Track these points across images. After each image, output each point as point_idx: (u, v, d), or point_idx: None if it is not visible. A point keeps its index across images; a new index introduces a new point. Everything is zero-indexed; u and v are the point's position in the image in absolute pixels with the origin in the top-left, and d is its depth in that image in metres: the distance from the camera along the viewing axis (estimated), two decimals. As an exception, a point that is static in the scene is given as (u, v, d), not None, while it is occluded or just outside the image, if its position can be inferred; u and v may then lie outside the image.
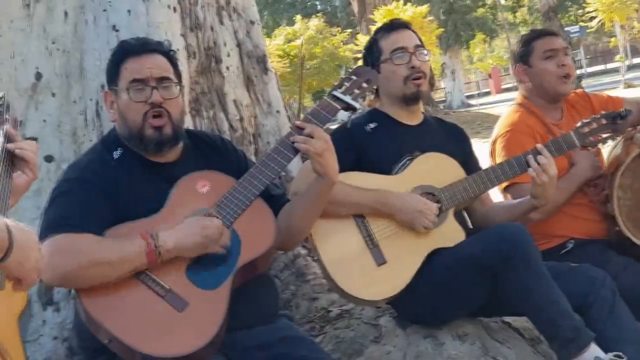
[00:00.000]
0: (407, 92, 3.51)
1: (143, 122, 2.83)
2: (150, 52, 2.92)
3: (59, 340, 3.91)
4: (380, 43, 3.57)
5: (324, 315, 3.94)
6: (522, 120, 3.93)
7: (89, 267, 2.55)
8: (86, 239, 2.60)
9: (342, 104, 2.99)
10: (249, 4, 5.08)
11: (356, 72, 3.13)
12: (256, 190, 2.84)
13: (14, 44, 4.21)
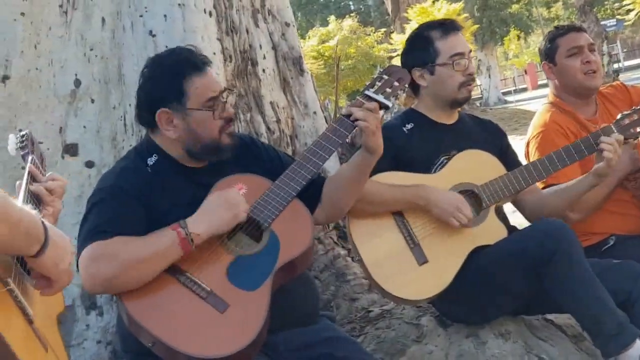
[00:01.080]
0: (459, 97, 3.51)
1: (220, 134, 2.89)
2: (208, 66, 2.95)
3: (102, 344, 3.95)
4: (437, 44, 3.51)
5: (364, 316, 3.93)
6: (553, 120, 3.89)
7: (126, 268, 2.57)
8: (118, 241, 2.62)
9: (375, 103, 3.00)
10: (283, 6, 5.09)
11: (388, 71, 3.14)
12: (293, 191, 2.86)
13: (52, 51, 4.26)
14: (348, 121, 2.94)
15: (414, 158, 3.44)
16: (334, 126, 2.97)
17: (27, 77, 4.14)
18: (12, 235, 1.64)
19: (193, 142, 2.89)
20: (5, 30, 4.12)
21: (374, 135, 2.88)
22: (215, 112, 2.86)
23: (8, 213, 1.59)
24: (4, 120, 4.05)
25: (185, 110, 2.86)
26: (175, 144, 2.91)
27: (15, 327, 1.69)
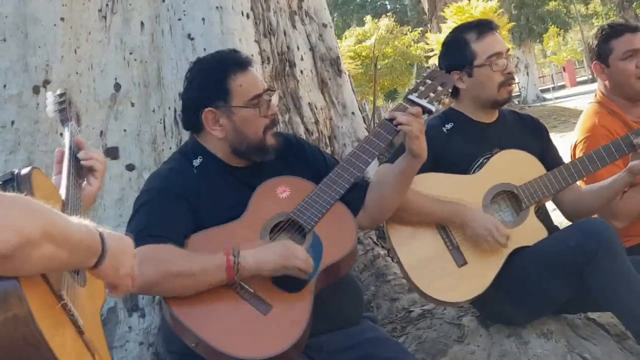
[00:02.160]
0: (499, 98, 3.49)
1: (264, 133, 2.91)
2: (250, 64, 2.97)
3: (144, 346, 3.97)
4: (474, 46, 3.49)
5: (405, 316, 3.93)
6: (600, 124, 3.83)
7: (171, 278, 2.59)
8: (169, 250, 2.65)
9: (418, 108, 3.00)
10: (320, 7, 5.10)
11: (431, 75, 3.14)
12: (336, 194, 2.87)
13: (92, 56, 4.30)
14: (391, 125, 2.94)
15: (454, 158, 3.42)
16: (377, 130, 2.97)
17: (68, 81, 4.17)
18: (71, 257, 1.65)
19: (239, 141, 2.91)
20: (45, 35, 4.17)
21: (418, 139, 2.88)
22: (260, 109, 2.88)
23: (67, 237, 1.60)
24: (45, 125, 4.09)
25: (230, 109, 2.88)
26: (221, 144, 2.94)
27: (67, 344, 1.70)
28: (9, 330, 1.50)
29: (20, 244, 1.44)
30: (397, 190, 3.05)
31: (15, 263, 1.47)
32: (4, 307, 1.50)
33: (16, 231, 1.44)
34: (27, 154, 4.05)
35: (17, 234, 1.44)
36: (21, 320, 1.50)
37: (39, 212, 1.53)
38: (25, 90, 4.12)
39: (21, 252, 1.46)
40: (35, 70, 4.14)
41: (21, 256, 1.46)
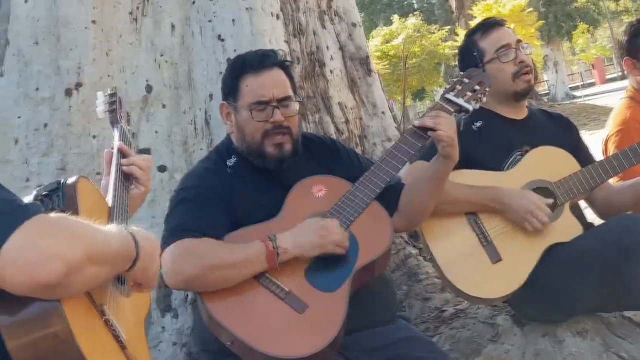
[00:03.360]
0: (517, 89, 3.47)
1: (263, 139, 2.89)
2: (269, 68, 2.95)
3: (178, 346, 3.99)
4: (481, 44, 3.51)
5: (438, 316, 3.91)
6: (633, 118, 3.80)
7: (212, 271, 2.60)
8: (208, 243, 2.66)
9: (455, 107, 3.00)
10: (350, 7, 5.10)
11: (468, 75, 3.12)
12: (372, 194, 2.86)
13: (124, 58, 4.33)
14: (420, 133, 2.93)
15: (485, 156, 3.40)
16: (413, 129, 2.96)
17: (100, 84, 4.20)
18: (112, 271, 1.68)
19: (241, 140, 2.95)
20: (77, 38, 4.20)
21: (449, 142, 2.86)
22: (254, 113, 2.88)
23: (108, 254, 1.62)
24: (78, 128, 4.12)
25: (236, 107, 2.94)
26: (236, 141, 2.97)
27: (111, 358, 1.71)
28: (49, 348, 1.51)
29: (67, 273, 1.45)
30: (431, 193, 3.03)
31: (60, 290, 1.48)
32: (44, 325, 1.51)
33: (62, 261, 1.44)
34: (60, 157, 4.08)
35: (64, 263, 1.44)
36: (61, 338, 1.51)
37: (83, 236, 1.53)
38: (58, 93, 4.16)
39: (66, 280, 1.46)
40: (67, 73, 4.18)
41: (66, 283, 1.47)
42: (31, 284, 1.42)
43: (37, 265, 1.42)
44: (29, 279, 1.41)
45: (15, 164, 4.08)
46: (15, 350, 1.50)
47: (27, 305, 1.50)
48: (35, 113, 4.13)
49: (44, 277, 1.42)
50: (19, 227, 1.43)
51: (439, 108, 2.98)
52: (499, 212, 3.27)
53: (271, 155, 2.89)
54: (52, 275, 1.42)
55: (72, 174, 3.13)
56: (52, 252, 1.43)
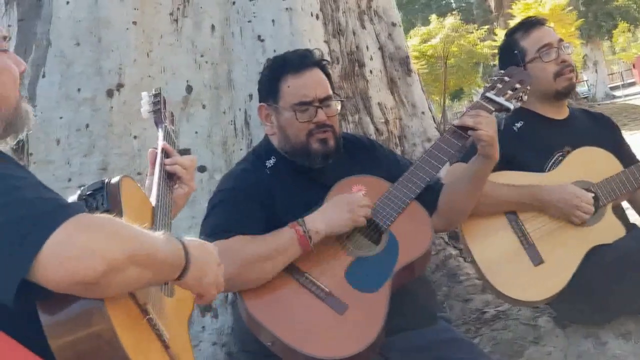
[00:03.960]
0: (559, 88, 3.44)
1: (307, 138, 2.89)
2: (309, 68, 2.95)
3: (218, 346, 4.00)
4: (522, 43, 3.49)
5: (479, 317, 3.89)
6: None
7: (247, 265, 2.60)
8: (239, 239, 2.67)
9: (496, 105, 2.98)
10: (389, 7, 5.09)
11: (508, 73, 3.10)
12: (412, 193, 2.85)
13: (164, 59, 4.35)
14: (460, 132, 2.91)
15: (527, 157, 3.37)
16: (453, 128, 2.94)
17: (140, 84, 4.22)
18: (156, 276, 1.67)
19: (284, 141, 2.94)
20: (118, 39, 4.23)
21: (488, 141, 2.84)
22: (298, 114, 2.87)
23: (152, 258, 1.61)
24: (119, 127, 4.15)
25: (277, 108, 2.93)
26: (276, 142, 2.96)
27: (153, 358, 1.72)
28: (92, 347, 1.51)
29: (106, 271, 1.45)
30: (470, 193, 3.02)
31: (100, 288, 1.48)
32: (87, 324, 1.52)
33: (102, 258, 1.45)
34: (101, 157, 4.12)
35: (104, 261, 1.45)
36: (104, 337, 1.52)
37: (125, 236, 1.54)
38: (99, 94, 4.19)
39: (106, 279, 1.47)
40: (108, 74, 4.21)
41: (106, 282, 1.47)
42: (70, 281, 1.44)
43: (76, 262, 1.43)
44: (68, 276, 1.43)
45: (57, 164, 4.12)
46: (58, 350, 1.51)
47: (69, 304, 1.51)
48: (76, 113, 4.17)
49: (82, 274, 1.43)
50: (60, 225, 1.44)
51: (479, 107, 2.96)
52: (541, 212, 3.24)
53: (316, 151, 2.89)
54: (91, 272, 1.43)
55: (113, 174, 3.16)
56: (91, 249, 1.44)
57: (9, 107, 1.82)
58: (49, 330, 1.51)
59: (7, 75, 1.83)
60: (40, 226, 1.44)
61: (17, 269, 1.42)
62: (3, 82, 1.81)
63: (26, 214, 1.46)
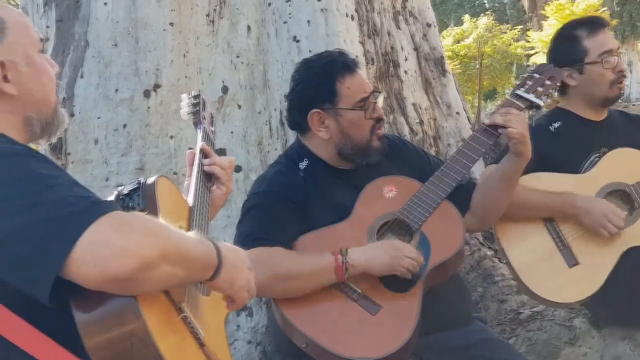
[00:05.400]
0: (610, 95, 3.41)
1: (371, 135, 2.90)
2: (357, 67, 2.97)
3: (252, 345, 4.02)
4: (585, 42, 3.42)
5: (514, 317, 3.88)
6: None
7: (280, 281, 2.62)
8: (278, 252, 2.67)
9: (526, 103, 2.97)
10: (424, 7, 5.08)
11: (539, 69, 3.09)
12: (443, 193, 2.84)
13: (200, 60, 4.38)
14: (490, 130, 2.90)
15: (562, 158, 3.36)
16: (484, 126, 2.94)
17: (177, 85, 4.26)
18: (188, 275, 1.68)
19: (345, 143, 2.91)
20: (155, 40, 4.27)
21: (520, 139, 2.82)
22: (366, 112, 2.87)
23: (185, 256, 1.63)
24: (156, 128, 4.19)
25: (337, 111, 2.88)
26: (326, 146, 2.94)
27: (188, 358, 1.73)
28: (125, 346, 1.53)
29: (138, 268, 1.47)
30: (503, 191, 3.00)
31: (133, 285, 1.50)
32: (120, 322, 1.53)
33: (135, 255, 1.46)
34: (138, 157, 4.16)
35: (136, 258, 1.46)
36: (137, 336, 1.53)
37: (157, 234, 1.55)
38: (137, 94, 4.23)
39: (138, 275, 1.48)
40: (145, 74, 4.26)
41: (139, 279, 1.48)
42: (103, 278, 1.45)
43: (109, 259, 1.44)
44: (101, 273, 1.44)
45: (94, 164, 4.17)
46: (92, 349, 1.52)
47: (103, 303, 1.52)
48: (114, 114, 4.21)
49: (114, 271, 1.44)
50: (93, 222, 1.46)
51: (509, 104, 2.95)
52: (575, 217, 3.22)
53: (377, 147, 2.92)
54: (122, 269, 1.45)
55: (150, 174, 3.19)
56: (123, 246, 1.46)
57: (48, 109, 1.86)
58: (82, 329, 1.52)
59: (47, 77, 1.86)
60: (74, 224, 1.46)
61: (52, 267, 1.44)
62: (44, 84, 1.84)
63: (60, 212, 1.47)
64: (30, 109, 1.81)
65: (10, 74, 1.76)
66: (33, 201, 1.49)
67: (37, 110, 1.82)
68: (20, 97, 1.78)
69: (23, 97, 1.79)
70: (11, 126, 1.78)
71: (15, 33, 1.79)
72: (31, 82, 1.80)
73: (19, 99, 1.78)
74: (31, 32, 1.86)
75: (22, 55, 1.79)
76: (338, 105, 2.88)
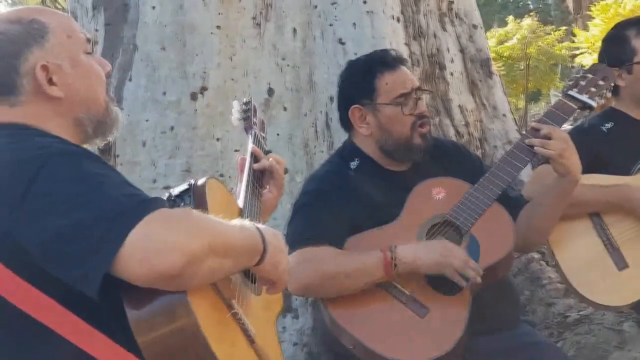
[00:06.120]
0: None
1: (412, 132, 2.89)
2: (400, 64, 2.98)
3: (298, 346, 4.03)
4: (634, 42, 3.36)
5: (561, 321, 3.85)
6: None
7: (329, 279, 2.63)
8: (327, 251, 2.68)
9: (578, 104, 2.94)
10: (471, 8, 5.06)
11: (592, 70, 3.05)
12: (493, 195, 2.81)
13: (247, 62, 4.41)
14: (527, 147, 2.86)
15: (612, 158, 3.32)
16: (512, 150, 2.89)
17: (224, 87, 4.30)
18: (236, 264, 1.71)
19: (385, 139, 2.93)
20: (202, 43, 4.31)
21: (560, 159, 2.76)
22: (404, 107, 2.87)
23: (232, 247, 1.65)
24: (203, 130, 4.23)
25: (375, 106, 2.92)
26: (370, 142, 2.97)
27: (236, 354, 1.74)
28: (176, 342, 1.55)
29: (186, 264, 1.49)
30: (549, 212, 2.95)
31: (183, 280, 1.52)
32: (171, 318, 1.55)
33: (182, 251, 1.49)
34: (185, 159, 4.19)
35: (184, 254, 1.49)
36: (188, 331, 1.55)
37: (203, 228, 1.58)
38: (184, 97, 4.27)
39: (187, 270, 1.50)
40: (192, 77, 4.29)
41: (187, 274, 1.51)
42: (152, 275, 1.48)
43: (157, 255, 1.47)
44: (149, 269, 1.47)
45: (142, 166, 4.21)
46: (145, 345, 1.55)
47: (153, 299, 1.55)
48: (162, 116, 4.25)
49: (163, 267, 1.47)
50: (141, 219, 1.49)
51: (561, 105, 2.92)
52: (626, 214, 3.18)
53: (418, 146, 2.92)
54: (171, 265, 1.47)
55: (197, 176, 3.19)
56: (171, 243, 1.48)
57: (98, 108, 1.89)
58: (135, 325, 1.55)
59: (95, 77, 1.90)
60: (122, 222, 1.48)
61: (101, 264, 1.47)
62: (91, 83, 1.88)
63: (110, 211, 1.50)
64: (79, 109, 1.85)
65: (55, 77, 1.80)
66: (85, 200, 1.53)
67: (86, 110, 1.87)
68: (68, 98, 1.82)
69: (70, 98, 1.83)
70: (64, 129, 1.83)
71: (57, 36, 1.83)
72: (77, 82, 1.84)
73: (66, 100, 1.82)
74: (76, 34, 1.89)
75: (66, 57, 1.83)
76: (377, 101, 2.92)
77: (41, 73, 1.78)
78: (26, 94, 1.79)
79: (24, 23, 1.81)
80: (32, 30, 1.80)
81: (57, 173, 1.57)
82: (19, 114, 1.79)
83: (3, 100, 1.80)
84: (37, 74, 1.77)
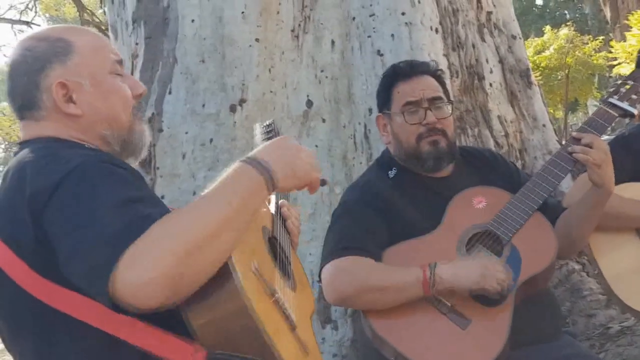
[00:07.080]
0: None
1: (418, 142, 2.88)
2: (419, 74, 2.96)
3: (338, 357, 4.03)
4: None
5: (603, 332, 3.81)
6: None
7: (367, 292, 2.61)
8: (365, 264, 2.66)
9: (620, 111, 2.90)
10: (509, 19, 5.04)
11: (633, 77, 3.02)
12: (534, 204, 2.78)
13: (285, 74, 4.43)
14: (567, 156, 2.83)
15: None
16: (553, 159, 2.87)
17: (262, 99, 4.32)
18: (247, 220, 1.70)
19: (397, 147, 2.93)
20: (242, 56, 4.34)
21: (598, 169, 2.72)
22: (407, 116, 2.87)
23: (234, 218, 1.64)
24: (242, 142, 4.25)
25: (390, 115, 2.93)
26: (394, 151, 2.97)
27: (283, 335, 1.76)
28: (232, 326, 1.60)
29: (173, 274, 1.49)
30: (584, 223, 2.89)
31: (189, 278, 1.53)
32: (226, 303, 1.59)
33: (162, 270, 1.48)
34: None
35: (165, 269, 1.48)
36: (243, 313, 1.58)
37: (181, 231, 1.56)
38: (223, 109, 4.30)
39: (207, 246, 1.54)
40: (232, 90, 4.32)
41: (206, 250, 1.53)
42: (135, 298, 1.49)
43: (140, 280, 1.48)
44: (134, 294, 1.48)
45: (182, 178, 4.25)
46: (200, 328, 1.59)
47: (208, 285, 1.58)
48: (201, 128, 4.28)
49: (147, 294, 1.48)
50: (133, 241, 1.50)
51: (602, 112, 2.89)
52: None
53: (427, 153, 2.86)
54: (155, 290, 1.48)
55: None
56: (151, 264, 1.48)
57: (121, 127, 1.91)
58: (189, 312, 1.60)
59: (118, 98, 1.90)
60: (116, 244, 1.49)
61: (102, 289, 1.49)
62: (112, 104, 1.89)
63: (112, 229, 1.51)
64: (102, 126, 1.87)
65: (75, 95, 1.83)
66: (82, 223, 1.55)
67: (109, 128, 1.89)
68: (87, 117, 1.85)
69: (90, 117, 1.85)
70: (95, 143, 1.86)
71: (82, 55, 1.86)
72: (97, 101, 1.86)
73: (85, 118, 1.85)
74: (104, 54, 1.91)
75: (88, 76, 1.85)
76: (390, 109, 2.93)
77: (58, 90, 1.81)
78: (46, 110, 1.83)
79: (51, 41, 1.85)
80: (57, 48, 1.84)
81: (67, 193, 1.58)
82: (44, 128, 1.83)
83: (29, 115, 1.85)
84: (53, 90, 1.80)
